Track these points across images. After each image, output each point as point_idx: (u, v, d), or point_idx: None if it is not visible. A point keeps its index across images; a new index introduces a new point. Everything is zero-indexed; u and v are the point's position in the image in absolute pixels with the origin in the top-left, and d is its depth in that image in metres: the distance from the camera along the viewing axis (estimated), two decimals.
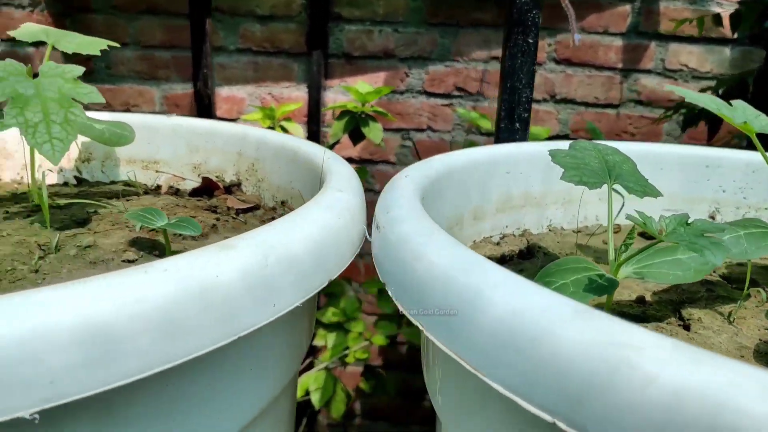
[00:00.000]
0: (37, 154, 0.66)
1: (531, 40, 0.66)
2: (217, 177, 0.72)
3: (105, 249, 0.49)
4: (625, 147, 0.61)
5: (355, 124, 1.26)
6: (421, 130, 1.62)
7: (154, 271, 0.30)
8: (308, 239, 0.37)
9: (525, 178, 0.66)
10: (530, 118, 0.68)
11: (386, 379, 1.47)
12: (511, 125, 0.68)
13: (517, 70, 0.67)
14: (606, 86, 1.56)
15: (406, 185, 0.47)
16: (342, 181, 0.47)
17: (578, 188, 0.71)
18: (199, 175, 0.73)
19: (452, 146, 1.62)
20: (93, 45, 0.61)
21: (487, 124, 1.35)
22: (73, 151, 0.74)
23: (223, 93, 1.62)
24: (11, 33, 0.59)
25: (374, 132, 1.25)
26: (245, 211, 0.63)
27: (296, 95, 1.61)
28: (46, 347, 0.26)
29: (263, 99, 1.63)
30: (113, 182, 0.73)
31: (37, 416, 0.26)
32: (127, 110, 1.69)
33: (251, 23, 1.58)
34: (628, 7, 1.52)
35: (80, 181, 0.75)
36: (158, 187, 0.72)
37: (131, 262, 0.47)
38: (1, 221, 0.55)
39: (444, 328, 0.31)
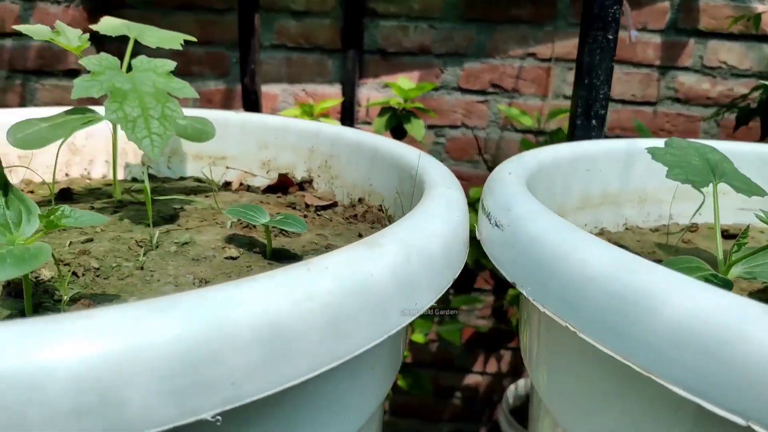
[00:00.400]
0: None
1: (611, 36, 0.65)
2: (287, 173, 0.71)
3: (203, 245, 0.49)
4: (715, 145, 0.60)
5: (397, 120, 1.25)
6: (455, 127, 1.61)
7: (316, 269, 0.29)
8: (439, 236, 0.37)
9: (603, 176, 0.65)
10: (606, 116, 0.68)
11: (422, 376, 1.46)
12: (588, 122, 0.67)
13: (596, 67, 0.66)
14: (644, 84, 1.55)
15: (513, 182, 0.46)
16: (447, 180, 0.46)
17: (652, 186, 0.70)
18: (267, 172, 0.72)
19: (487, 143, 1.61)
20: (174, 39, 0.60)
21: (528, 121, 1.34)
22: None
23: None
24: (93, 27, 0.59)
25: (416, 128, 1.25)
26: (324, 207, 0.62)
27: (330, 92, 1.61)
28: (228, 347, 0.25)
29: (297, 95, 1.62)
30: (182, 178, 0.73)
31: (219, 418, 0.25)
32: None
33: (286, 19, 1.57)
34: (667, 4, 1.50)
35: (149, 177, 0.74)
36: (227, 183, 0.72)
37: (234, 258, 0.47)
38: None
39: (604, 329, 0.30)
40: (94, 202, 0.59)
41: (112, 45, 0.67)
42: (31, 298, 0.38)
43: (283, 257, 0.48)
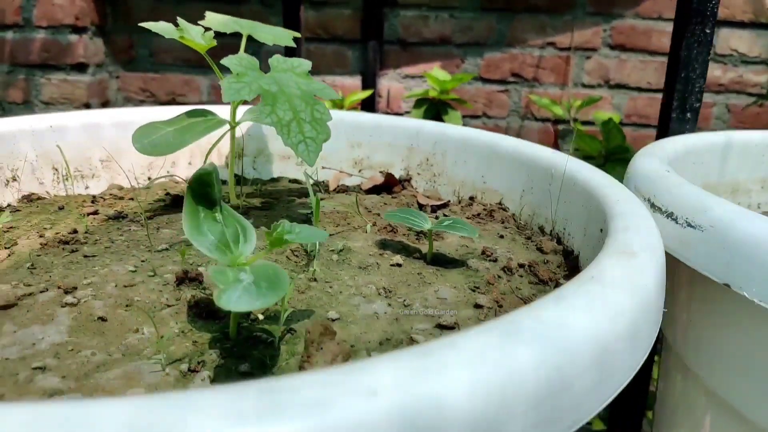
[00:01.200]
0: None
1: (708, 30, 0.66)
2: (381, 172, 0.70)
3: (360, 252, 0.47)
4: None
5: (434, 111, 1.24)
6: (476, 117, 1.60)
7: (579, 302, 0.28)
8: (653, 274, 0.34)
9: (705, 169, 0.66)
10: (700, 109, 0.68)
11: None
12: (683, 115, 0.68)
13: (693, 61, 0.66)
14: (659, 71, 1.57)
15: (682, 180, 0.46)
16: (635, 209, 0.43)
17: (743, 178, 0.71)
18: (360, 171, 0.70)
19: (507, 133, 1.61)
20: (286, 36, 0.58)
21: (559, 111, 1.35)
22: (224, 146, 0.70)
23: None
24: (202, 23, 0.56)
25: (454, 120, 1.24)
26: (439, 207, 0.61)
27: (350, 83, 1.58)
28: (574, 372, 0.24)
29: None
30: (274, 179, 0.70)
31: None
32: (173, 101, 1.63)
33: (305, 9, 1.53)
34: None
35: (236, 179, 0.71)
36: (318, 183, 0.70)
37: (399, 266, 0.45)
38: None
39: None
40: None
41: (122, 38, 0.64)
42: (237, 320, 0.36)
43: (443, 262, 0.47)
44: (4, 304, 0.38)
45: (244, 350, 0.34)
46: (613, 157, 1.11)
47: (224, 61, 0.47)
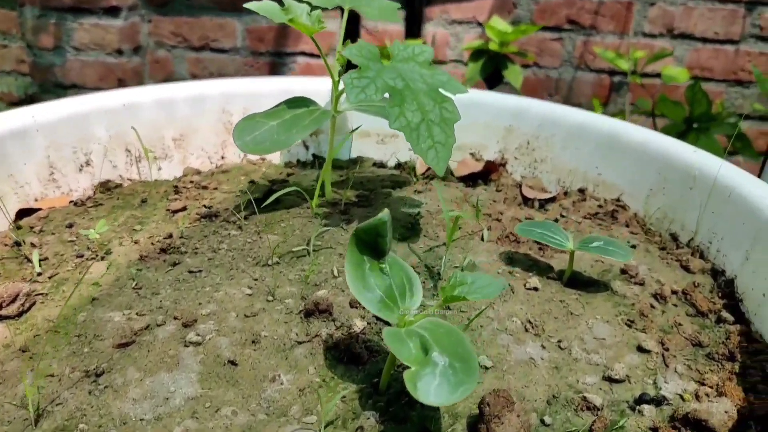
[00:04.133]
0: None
1: None
2: (472, 154, 0.64)
3: (488, 270, 0.42)
4: None
5: (494, 66, 1.15)
6: (526, 66, 1.50)
7: None
8: None
9: None
10: None
11: None
12: None
13: None
14: (728, 20, 1.45)
15: None
16: None
17: None
18: None
19: (558, 84, 1.52)
20: (390, 10, 0.50)
21: (625, 65, 1.25)
22: None
23: None
24: None
25: (514, 75, 1.15)
26: (547, 201, 0.56)
27: (392, 28, 1.48)
28: None
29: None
30: (354, 160, 0.64)
31: None
32: (206, 45, 1.54)
33: None
34: None
35: (302, 164, 0.66)
36: (399, 165, 0.64)
37: (536, 290, 0.40)
38: (318, 225, 0.47)
39: None
40: (302, 206, 0.51)
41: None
42: (390, 372, 0.31)
43: (582, 283, 0.42)
44: (122, 342, 0.34)
45: (401, 410, 0.30)
46: (698, 124, 1.02)
47: (347, 53, 0.40)
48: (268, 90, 0.64)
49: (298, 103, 0.47)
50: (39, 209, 0.50)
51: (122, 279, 0.40)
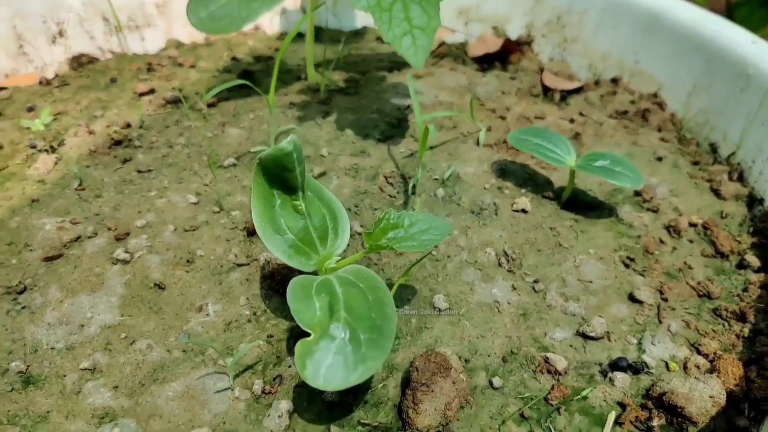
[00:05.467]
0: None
1: None
2: (494, 28, 0.53)
3: (472, 183, 0.35)
4: None
5: None
6: None
7: None
8: None
9: None
10: None
11: None
12: None
13: None
14: None
15: None
16: None
17: None
18: (466, 23, 0.53)
19: None
20: None
21: None
22: None
23: None
24: None
25: None
26: (571, 92, 0.46)
27: None
28: None
29: None
30: (357, 32, 0.55)
31: None
32: None
33: None
34: None
35: (299, 34, 0.56)
36: None
37: (524, 212, 0.33)
38: (291, 118, 0.40)
39: None
40: (282, 89, 0.44)
41: None
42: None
43: (583, 205, 0.34)
44: (50, 255, 0.30)
45: None
46: None
47: None
48: None
49: None
50: (3, 88, 0.45)
51: (67, 177, 0.35)
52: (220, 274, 0.30)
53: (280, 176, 0.23)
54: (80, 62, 0.49)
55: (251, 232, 0.31)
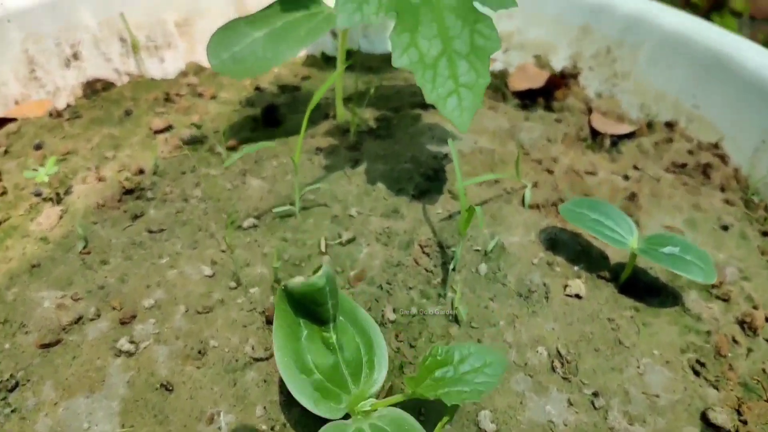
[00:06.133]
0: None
1: None
2: (536, 57, 0.47)
3: (519, 257, 0.30)
4: None
5: None
6: None
7: None
8: None
9: None
10: None
11: None
12: None
13: None
14: None
15: None
16: None
17: None
18: (505, 51, 0.48)
19: None
20: None
21: None
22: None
23: None
24: None
25: None
26: (622, 137, 0.41)
27: None
28: None
29: None
30: (386, 57, 0.50)
31: None
32: None
33: None
34: None
35: (327, 57, 0.51)
36: None
37: (578, 298, 0.29)
38: (317, 167, 0.36)
39: None
40: (315, 130, 0.39)
41: None
42: None
43: (643, 289, 0.30)
44: (47, 341, 0.26)
45: None
46: None
47: None
48: None
49: (295, 3, 0.33)
50: (12, 120, 0.41)
51: (72, 237, 0.32)
52: (235, 371, 0.26)
53: (308, 308, 0.19)
54: (94, 89, 0.45)
55: (270, 320, 0.27)
